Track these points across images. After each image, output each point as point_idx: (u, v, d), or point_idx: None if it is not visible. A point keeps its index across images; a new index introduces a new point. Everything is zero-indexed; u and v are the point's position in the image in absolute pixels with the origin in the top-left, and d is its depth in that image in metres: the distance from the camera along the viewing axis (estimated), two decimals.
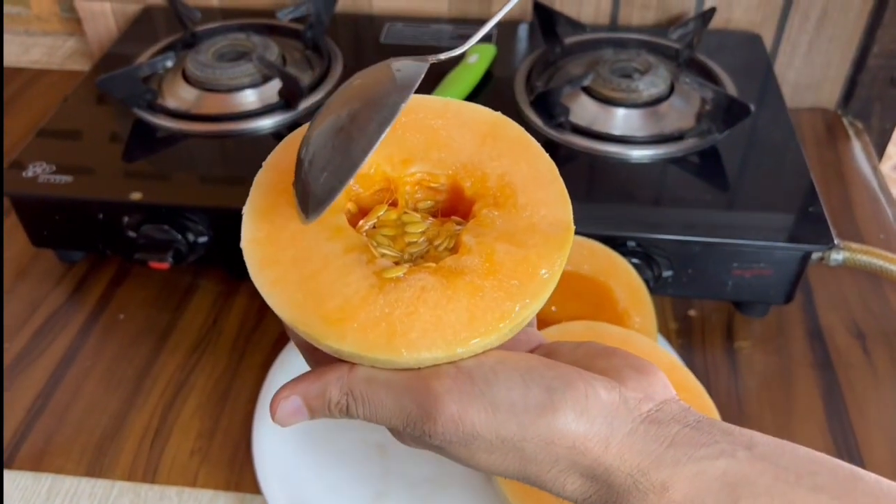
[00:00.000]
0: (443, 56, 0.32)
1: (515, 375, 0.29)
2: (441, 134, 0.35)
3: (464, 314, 0.30)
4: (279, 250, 0.31)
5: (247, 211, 0.32)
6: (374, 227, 0.34)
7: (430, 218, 0.34)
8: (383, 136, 0.29)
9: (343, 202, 0.33)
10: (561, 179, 0.34)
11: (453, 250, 0.32)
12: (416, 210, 0.34)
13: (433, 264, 0.31)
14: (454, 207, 0.35)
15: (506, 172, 0.33)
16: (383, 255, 0.32)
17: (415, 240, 0.33)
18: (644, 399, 0.30)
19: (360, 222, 0.33)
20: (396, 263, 0.31)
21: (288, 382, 0.31)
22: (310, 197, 0.30)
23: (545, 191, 0.33)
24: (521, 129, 0.35)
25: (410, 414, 0.29)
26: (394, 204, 0.34)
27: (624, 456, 0.29)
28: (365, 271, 0.31)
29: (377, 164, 0.34)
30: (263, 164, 0.34)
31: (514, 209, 0.33)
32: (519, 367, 0.29)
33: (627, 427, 0.29)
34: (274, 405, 0.31)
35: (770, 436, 0.30)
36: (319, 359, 0.32)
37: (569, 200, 0.33)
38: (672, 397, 0.31)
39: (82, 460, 0.58)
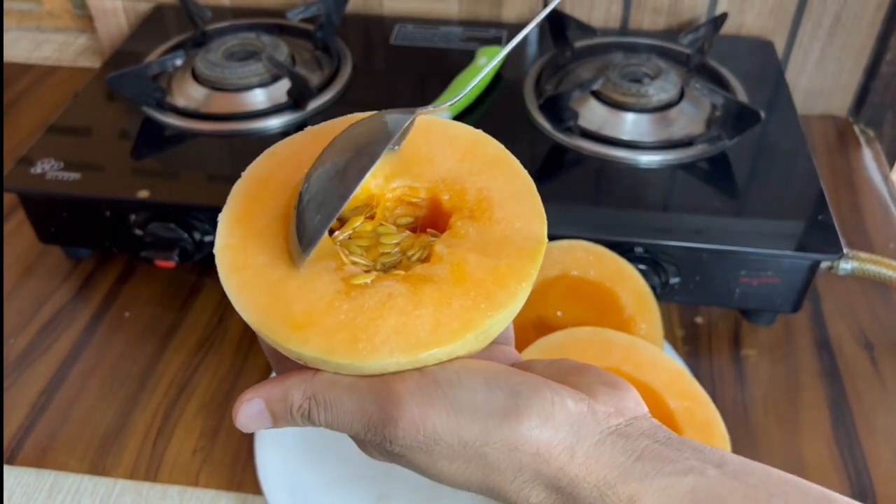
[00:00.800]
0: (431, 108, 0.34)
1: (480, 379, 0.29)
2: (423, 150, 0.35)
3: (429, 321, 0.29)
4: (250, 256, 0.32)
5: (222, 217, 0.33)
6: (350, 237, 0.34)
7: (407, 231, 0.35)
8: (362, 181, 0.30)
9: None
10: (538, 196, 0.34)
11: (425, 260, 0.32)
12: (394, 224, 0.35)
13: (402, 272, 0.31)
14: (433, 223, 0.35)
15: (484, 187, 0.34)
16: (354, 263, 0.32)
17: (388, 250, 0.33)
18: (614, 413, 0.29)
19: (336, 233, 0.34)
20: (367, 272, 0.31)
21: (252, 386, 0.31)
22: (304, 236, 0.31)
23: (521, 206, 0.33)
24: (501, 147, 0.36)
25: (371, 417, 0.29)
26: (371, 217, 0.34)
27: (590, 467, 0.28)
28: (332, 277, 0.31)
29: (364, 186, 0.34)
30: (243, 174, 0.35)
31: (489, 222, 0.33)
32: (484, 372, 0.29)
33: (595, 438, 0.29)
34: (236, 408, 0.31)
35: (741, 456, 0.30)
36: (287, 366, 0.32)
37: (544, 216, 0.33)
38: (644, 414, 0.30)
39: (85, 458, 0.58)
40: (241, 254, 0.32)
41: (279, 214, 0.33)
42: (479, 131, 0.36)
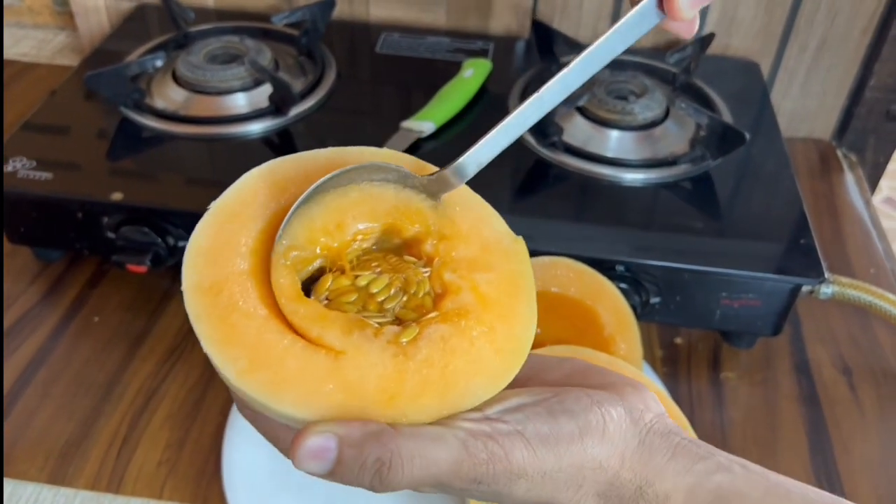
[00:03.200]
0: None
1: (540, 410, 0.30)
2: (360, 188, 0.33)
3: (490, 352, 0.30)
4: (265, 354, 0.28)
5: (189, 291, 0.29)
6: (328, 299, 0.31)
7: (377, 266, 0.32)
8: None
9: (295, 287, 0.30)
10: (477, 195, 0.34)
11: (439, 295, 0.32)
12: (357, 263, 0.32)
13: (436, 312, 0.31)
14: (390, 248, 0.34)
15: (434, 204, 0.33)
16: (379, 324, 0.30)
17: (384, 295, 0.31)
18: (645, 410, 0.31)
19: (311, 298, 0.31)
20: (399, 324, 0.31)
21: (323, 420, 0.28)
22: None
23: (475, 210, 0.33)
24: (409, 156, 0.35)
25: (464, 464, 0.28)
26: (342, 271, 0.32)
27: (635, 469, 0.30)
28: (379, 345, 0.29)
29: (317, 240, 0.31)
30: (188, 247, 0.30)
31: (460, 237, 0.33)
32: (536, 401, 0.30)
33: (636, 439, 0.30)
34: (302, 438, 0.27)
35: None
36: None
37: (495, 211, 0.34)
38: (664, 412, 0.32)
39: (46, 467, 0.56)
40: (257, 349, 0.28)
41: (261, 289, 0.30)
42: (372, 149, 0.35)
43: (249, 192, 0.31)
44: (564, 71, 0.31)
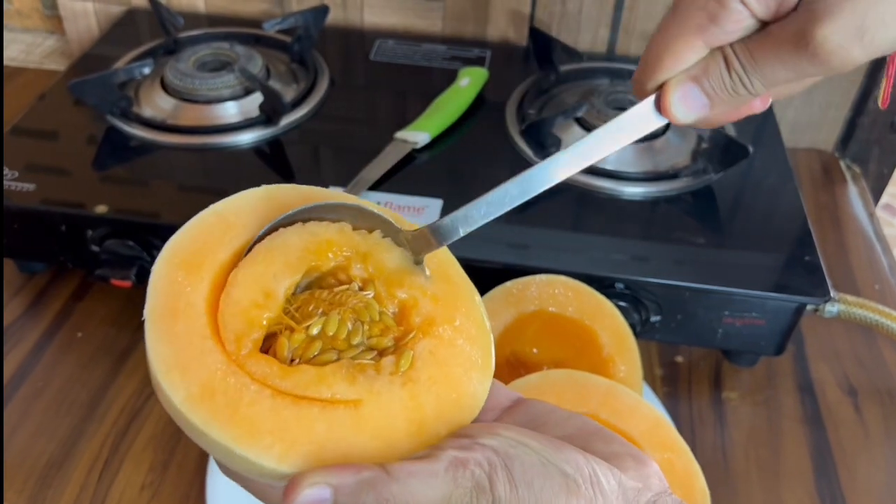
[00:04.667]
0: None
1: (533, 455, 0.29)
2: (266, 243, 0.32)
3: (467, 344, 0.31)
4: (293, 431, 0.28)
5: (165, 372, 0.28)
6: (294, 359, 0.30)
7: (314, 308, 0.31)
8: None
9: (274, 366, 0.30)
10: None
11: (401, 312, 0.32)
12: (296, 312, 0.31)
13: (414, 333, 0.31)
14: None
15: (343, 226, 0.33)
16: (375, 360, 0.30)
17: (345, 332, 0.30)
18: (643, 489, 0.30)
19: (286, 365, 0.30)
20: (392, 353, 0.30)
21: (318, 469, 0.28)
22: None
23: (377, 220, 0.33)
24: (301, 187, 0.34)
25: (462, 491, 0.28)
26: (291, 329, 0.31)
27: None
28: (387, 379, 0.29)
29: (255, 320, 0.30)
30: (146, 313, 0.29)
31: (386, 250, 0.32)
32: (532, 446, 0.29)
33: None
34: (296, 491, 0.27)
35: None
36: None
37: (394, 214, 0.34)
38: (666, 490, 0.30)
39: (24, 490, 0.54)
40: (283, 430, 0.27)
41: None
42: (265, 187, 0.34)
43: (170, 283, 0.30)
44: (558, 155, 0.31)
